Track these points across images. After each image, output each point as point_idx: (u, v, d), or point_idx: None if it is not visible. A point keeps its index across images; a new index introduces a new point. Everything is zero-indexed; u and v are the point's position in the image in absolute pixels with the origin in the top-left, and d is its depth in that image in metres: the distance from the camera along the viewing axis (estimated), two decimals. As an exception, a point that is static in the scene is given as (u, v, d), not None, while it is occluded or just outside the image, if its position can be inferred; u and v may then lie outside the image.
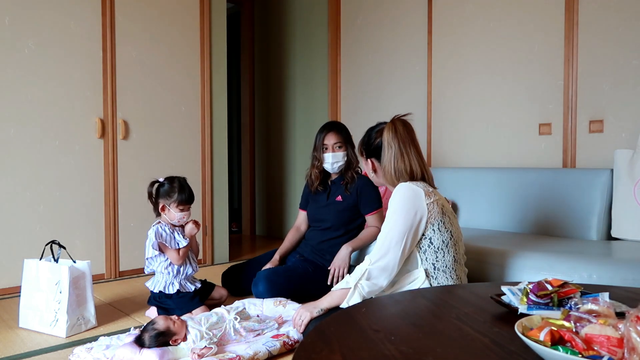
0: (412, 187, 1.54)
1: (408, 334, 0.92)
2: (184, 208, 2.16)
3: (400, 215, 1.51)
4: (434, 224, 1.53)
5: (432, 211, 1.52)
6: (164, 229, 2.14)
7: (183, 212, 2.15)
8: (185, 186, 2.18)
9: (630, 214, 2.18)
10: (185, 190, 2.16)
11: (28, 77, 2.69)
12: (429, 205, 1.52)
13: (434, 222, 1.53)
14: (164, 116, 3.25)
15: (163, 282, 2.15)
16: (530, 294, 1.00)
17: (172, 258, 2.14)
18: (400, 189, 1.55)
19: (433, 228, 1.53)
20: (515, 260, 1.93)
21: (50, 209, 2.77)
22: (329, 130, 2.44)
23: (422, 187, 1.55)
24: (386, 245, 1.50)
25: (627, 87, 2.36)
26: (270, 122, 4.69)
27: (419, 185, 1.56)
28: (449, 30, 3.14)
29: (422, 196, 1.52)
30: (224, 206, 3.60)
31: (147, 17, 3.15)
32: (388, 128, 1.62)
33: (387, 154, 1.61)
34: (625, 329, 0.68)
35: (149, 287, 2.18)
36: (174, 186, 2.15)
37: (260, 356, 1.69)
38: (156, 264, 2.16)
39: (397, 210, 1.52)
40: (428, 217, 1.52)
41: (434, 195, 1.56)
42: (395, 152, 1.60)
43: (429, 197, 1.53)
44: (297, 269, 2.40)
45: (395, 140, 1.60)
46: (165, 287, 2.14)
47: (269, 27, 4.63)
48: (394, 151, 1.60)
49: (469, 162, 3.04)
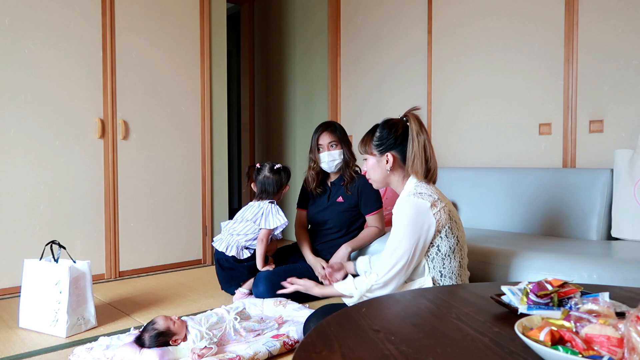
0: (418, 204, 1.50)
1: (408, 334, 0.92)
2: (286, 188, 2.52)
3: (407, 233, 1.48)
4: (442, 232, 1.51)
5: (440, 220, 1.50)
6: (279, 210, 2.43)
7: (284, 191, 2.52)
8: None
9: (630, 214, 2.18)
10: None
11: (28, 77, 2.69)
12: (435, 215, 1.50)
13: (441, 229, 1.51)
14: (164, 116, 3.25)
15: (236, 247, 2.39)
16: (530, 294, 1.00)
17: (263, 234, 2.36)
18: (406, 205, 1.52)
19: (441, 235, 1.52)
20: (516, 260, 1.93)
21: (50, 209, 2.77)
22: (323, 130, 2.45)
23: (428, 199, 1.51)
24: (392, 262, 1.49)
25: (627, 87, 2.36)
26: (270, 122, 4.69)
27: (424, 196, 1.52)
28: (449, 29, 3.14)
29: (428, 208, 1.49)
30: (224, 206, 3.60)
31: (147, 17, 3.15)
32: (414, 118, 1.59)
33: (417, 142, 1.56)
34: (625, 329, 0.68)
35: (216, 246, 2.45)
36: (287, 171, 2.49)
37: (260, 356, 1.69)
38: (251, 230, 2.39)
39: (403, 228, 1.49)
40: (437, 227, 1.50)
41: (441, 202, 1.53)
42: (425, 140, 1.58)
43: (435, 206, 1.51)
44: (298, 269, 2.40)
45: (423, 129, 1.59)
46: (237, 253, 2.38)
47: (269, 27, 4.63)
48: (423, 139, 1.57)
49: (469, 162, 3.04)
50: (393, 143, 1.60)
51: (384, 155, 1.62)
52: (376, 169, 1.65)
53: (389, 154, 1.61)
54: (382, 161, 1.63)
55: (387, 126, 1.63)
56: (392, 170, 1.62)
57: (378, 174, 1.66)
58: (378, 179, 1.67)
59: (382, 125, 1.64)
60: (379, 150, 1.62)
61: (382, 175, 1.65)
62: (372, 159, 1.65)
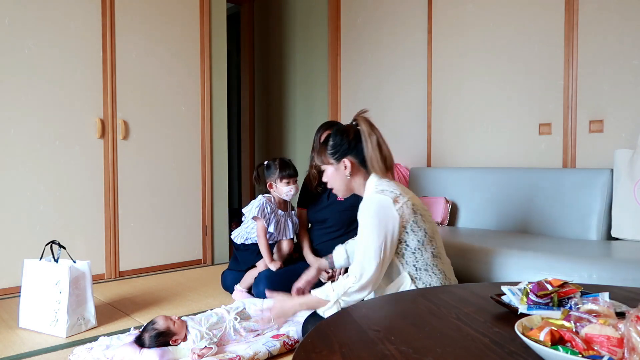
0: (380, 201, 1.52)
1: (408, 334, 0.92)
2: (290, 181, 2.39)
3: (372, 230, 1.48)
4: (407, 227, 1.52)
5: (404, 215, 1.51)
6: (267, 205, 2.39)
7: (289, 185, 2.38)
8: (286, 162, 2.42)
9: (630, 214, 2.18)
10: (288, 166, 2.41)
11: (28, 77, 2.69)
12: (399, 210, 1.50)
13: (406, 224, 1.52)
14: (164, 116, 3.25)
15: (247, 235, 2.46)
16: (530, 294, 1.00)
17: (257, 228, 2.38)
18: (369, 204, 1.53)
19: (407, 230, 1.52)
20: (516, 260, 1.93)
21: (50, 209, 2.77)
22: (325, 130, 2.46)
23: (389, 195, 1.53)
24: (365, 262, 1.47)
25: (627, 87, 2.36)
26: (270, 122, 4.69)
27: (386, 193, 1.53)
28: (449, 30, 3.14)
29: (391, 204, 1.51)
30: (224, 206, 3.60)
31: (147, 17, 3.15)
32: (363, 120, 1.63)
33: (370, 142, 1.59)
34: (625, 329, 0.68)
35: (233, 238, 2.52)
36: (275, 164, 2.40)
37: (260, 356, 1.69)
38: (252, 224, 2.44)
39: (367, 225, 1.50)
40: (400, 222, 1.50)
41: (403, 196, 1.54)
42: (379, 138, 1.61)
43: (397, 202, 1.51)
44: (298, 269, 2.40)
45: (374, 129, 1.62)
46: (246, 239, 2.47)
47: (269, 27, 4.63)
48: (376, 138, 1.60)
49: (469, 162, 3.04)
50: (347, 148, 1.62)
51: (341, 162, 1.64)
52: (336, 177, 1.67)
53: (345, 159, 1.63)
54: (340, 168, 1.64)
55: (339, 133, 1.65)
56: (352, 175, 1.64)
57: (339, 182, 1.67)
58: (340, 187, 1.68)
59: (334, 133, 1.67)
60: (335, 157, 1.64)
61: (343, 182, 1.66)
62: (330, 168, 1.67)
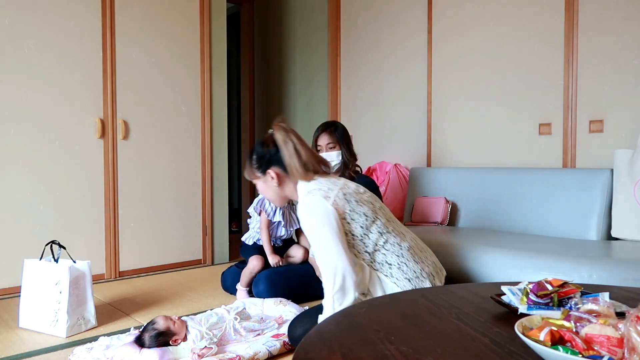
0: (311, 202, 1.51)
1: (408, 334, 0.92)
2: None
3: (319, 230, 1.48)
4: (346, 217, 1.52)
5: (338, 207, 1.51)
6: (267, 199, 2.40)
7: None
8: None
9: (630, 214, 2.18)
10: None
11: (28, 77, 2.69)
12: (333, 204, 1.50)
13: (344, 215, 1.52)
14: (164, 116, 3.25)
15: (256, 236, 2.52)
16: (530, 294, 1.00)
17: (261, 220, 2.45)
18: (305, 209, 1.52)
19: (347, 221, 1.52)
20: (516, 260, 1.93)
21: (50, 209, 2.77)
22: (322, 131, 2.46)
23: (318, 193, 1.52)
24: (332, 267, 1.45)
25: (627, 87, 2.36)
26: (270, 122, 4.66)
27: (314, 193, 1.53)
28: (449, 30, 3.14)
29: (322, 201, 1.50)
30: (224, 206, 3.60)
31: (147, 17, 3.15)
32: (278, 128, 1.62)
33: (288, 149, 1.58)
34: (625, 329, 0.68)
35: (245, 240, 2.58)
36: None
37: (260, 356, 1.69)
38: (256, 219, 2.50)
39: (312, 229, 1.49)
40: (338, 214, 1.50)
41: (332, 190, 1.53)
42: (296, 143, 1.60)
43: (328, 198, 1.51)
44: (298, 269, 2.41)
45: (290, 134, 1.61)
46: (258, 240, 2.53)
47: (269, 27, 4.63)
48: (294, 143, 1.59)
49: (469, 162, 3.04)
50: (270, 159, 1.63)
51: (267, 174, 1.64)
52: (267, 189, 1.68)
53: (270, 170, 1.63)
54: (267, 180, 1.65)
55: (260, 145, 1.66)
56: (280, 184, 1.64)
57: (271, 193, 1.68)
58: (274, 197, 1.70)
59: (256, 147, 1.68)
60: (260, 170, 1.65)
61: (275, 192, 1.67)
62: (259, 182, 1.68)
